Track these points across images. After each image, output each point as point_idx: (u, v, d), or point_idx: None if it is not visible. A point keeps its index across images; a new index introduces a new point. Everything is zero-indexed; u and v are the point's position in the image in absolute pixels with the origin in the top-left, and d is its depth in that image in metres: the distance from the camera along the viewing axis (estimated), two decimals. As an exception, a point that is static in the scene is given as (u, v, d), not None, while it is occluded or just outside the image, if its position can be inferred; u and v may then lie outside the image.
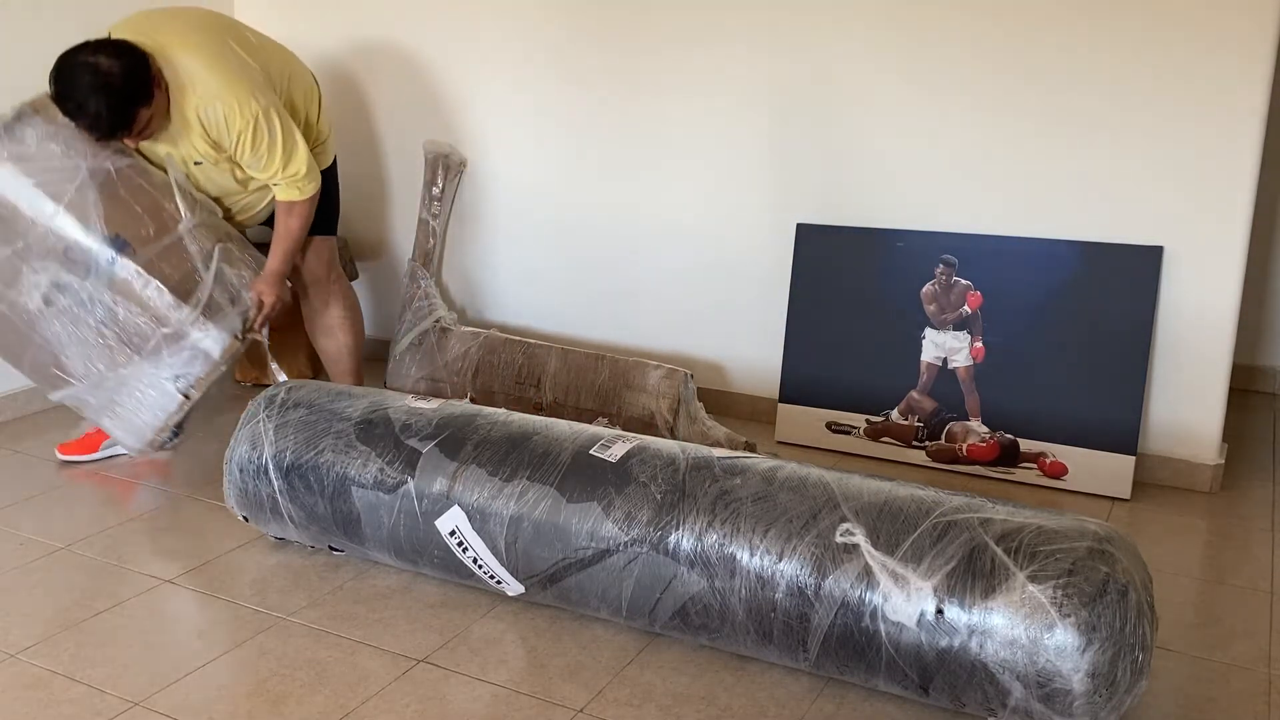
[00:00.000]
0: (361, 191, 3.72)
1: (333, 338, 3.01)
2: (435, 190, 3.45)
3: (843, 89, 2.89)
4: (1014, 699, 1.64)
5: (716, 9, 2.98)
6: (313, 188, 2.69)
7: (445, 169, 3.44)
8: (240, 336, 2.63)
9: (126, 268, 2.51)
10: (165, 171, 2.63)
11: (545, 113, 3.31)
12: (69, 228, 2.51)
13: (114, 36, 2.46)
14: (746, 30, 2.96)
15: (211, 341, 2.57)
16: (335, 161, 2.98)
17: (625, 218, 3.27)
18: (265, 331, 2.72)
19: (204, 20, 2.60)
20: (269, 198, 2.77)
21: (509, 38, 3.30)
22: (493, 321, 3.59)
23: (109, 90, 2.32)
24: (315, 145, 2.85)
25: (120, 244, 2.51)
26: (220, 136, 2.53)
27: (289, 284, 2.80)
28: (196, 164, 2.61)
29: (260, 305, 2.68)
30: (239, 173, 2.66)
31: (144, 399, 2.57)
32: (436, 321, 3.34)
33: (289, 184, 2.65)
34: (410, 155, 3.59)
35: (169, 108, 2.49)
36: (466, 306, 3.63)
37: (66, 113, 2.38)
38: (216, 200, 2.76)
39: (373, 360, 3.71)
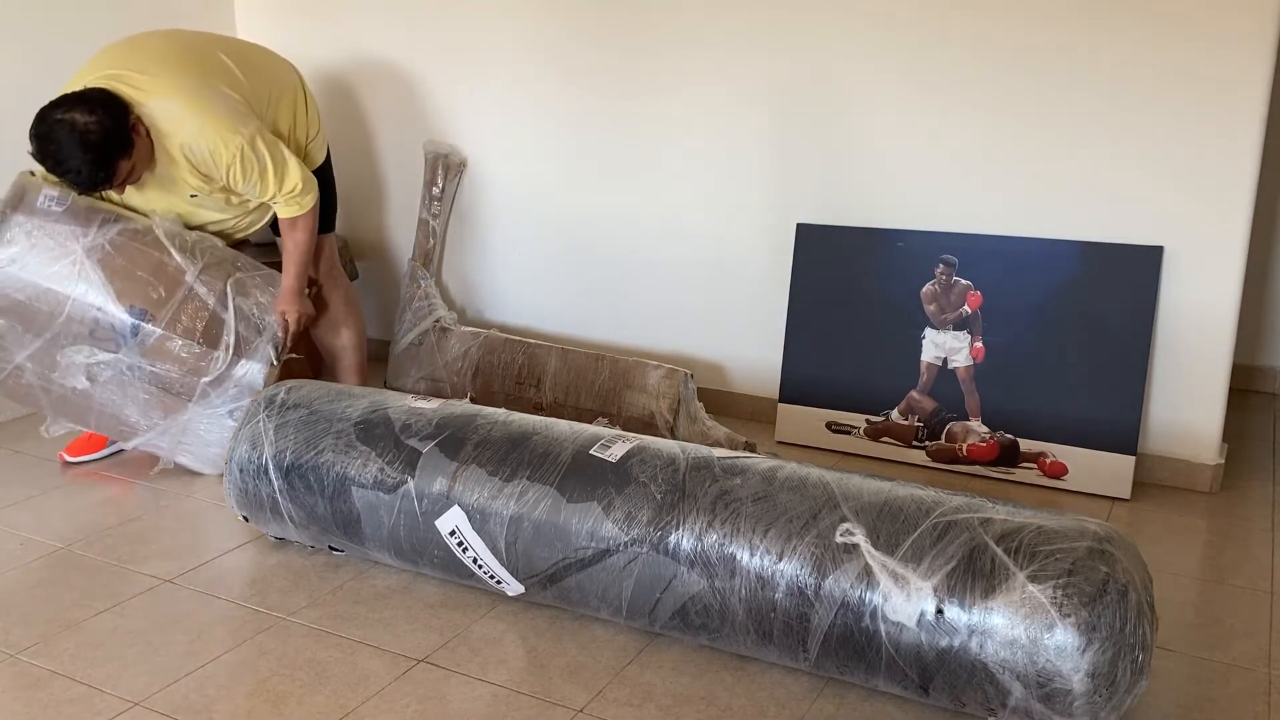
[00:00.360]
0: (362, 192, 3.72)
1: (335, 335, 3.02)
2: (435, 190, 3.45)
3: (843, 89, 2.89)
4: (1014, 699, 1.64)
5: (716, 8, 2.98)
6: (311, 199, 2.70)
7: (445, 169, 3.44)
8: (276, 360, 2.69)
9: (151, 334, 2.59)
10: (154, 224, 2.64)
11: (545, 113, 3.31)
12: (87, 312, 2.56)
13: (92, 79, 2.47)
14: (746, 30, 2.96)
15: (253, 374, 2.65)
16: (329, 158, 2.98)
17: (625, 218, 3.27)
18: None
19: (181, 52, 2.59)
20: (270, 212, 2.78)
21: (509, 38, 3.30)
22: (493, 321, 3.59)
23: (87, 146, 2.35)
24: (306, 143, 2.85)
25: (138, 313, 2.56)
26: (210, 171, 2.55)
27: (308, 294, 2.82)
28: (192, 197, 2.62)
29: (286, 325, 2.72)
30: (235, 199, 2.67)
31: (208, 435, 2.69)
32: (436, 321, 3.34)
33: (287, 201, 2.66)
34: (410, 155, 3.59)
35: (153, 151, 2.51)
36: (466, 306, 3.63)
37: (47, 169, 2.41)
38: (219, 225, 2.77)
39: (373, 360, 3.72)
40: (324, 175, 2.94)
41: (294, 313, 2.73)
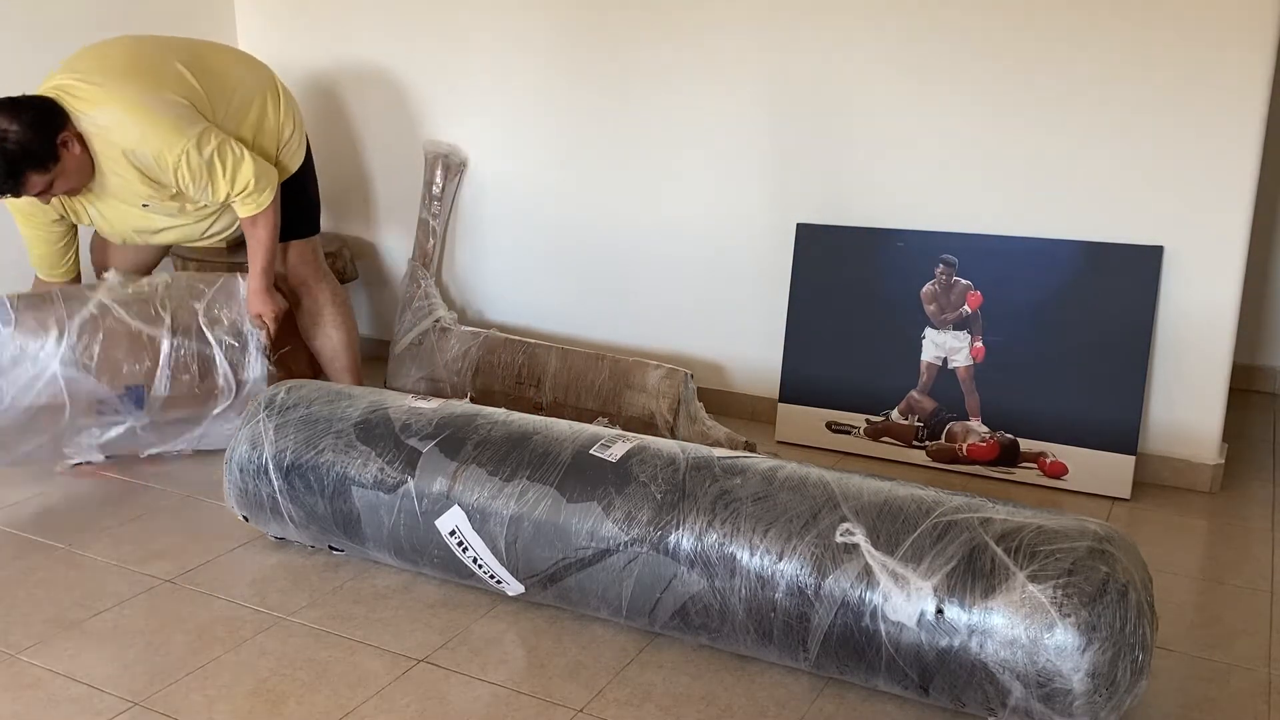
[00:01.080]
0: (362, 191, 3.72)
1: (326, 337, 3.02)
2: (435, 190, 3.45)
3: (843, 88, 2.89)
4: (1014, 699, 1.64)
5: (717, 7, 2.98)
6: (269, 196, 2.67)
7: (445, 169, 3.44)
8: (270, 360, 2.74)
9: (153, 402, 2.64)
10: (101, 297, 2.63)
11: (546, 112, 3.31)
12: (85, 407, 2.56)
13: (45, 87, 2.47)
14: (747, 29, 2.96)
15: (256, 384, 2.71)
16: (310, 160, 2.95)
17: (625, 217, 3.27)
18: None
19: (131, 60, 2.57)
20: (234, 217, 2.78)
21: (509, 38, 3.31)
22: (492, 321, 3.59)
23: (1, 154, 2.33)
24: (279, 145, 2.83)
25: (135, 392, 2.60)
26: (158, 176, 2.53)
27: (278, 289, 2.81)
28: (144, 206, 2.61)
29: (263, 324, 2.73)
30: (189, 205, 2.66)
31: (226, 432, 2.80)
32: (436, 321, 3.34)
33: (243, 200, 2.64)
34: (410, 155, 3.59)
35: (91, 165, 2.49)
36: (466, 306, 3.63)
37: None
38: (178, 231, 2.74)
39: (373, 360, 3.72)
40: (305, 177, 2.92)
41: (267, 310, 2.73)
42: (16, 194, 2.42)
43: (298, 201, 2.86)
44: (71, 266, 2.72)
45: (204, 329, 2.66)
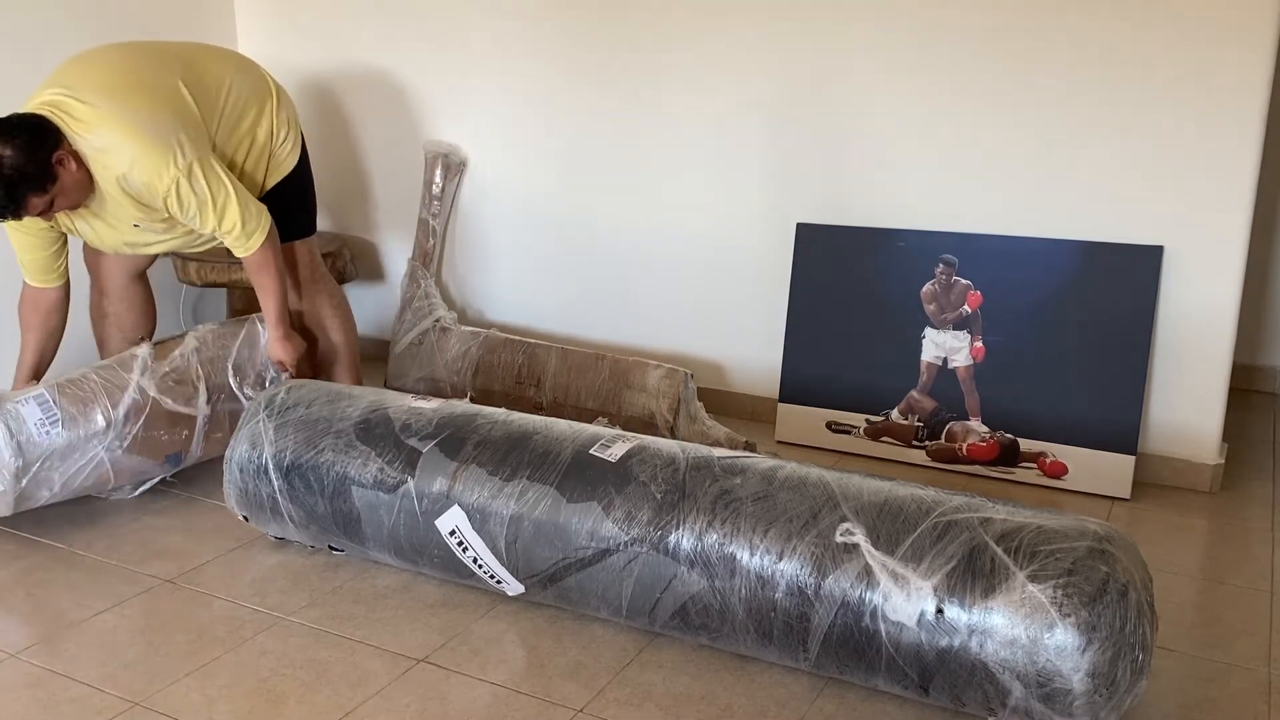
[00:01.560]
0: (362, 192, 3.72)
1: (324, 337, 3.01)
2: (435, 190, 3.45)
3: (843, 88, 2.89)
4: (1014, 699, 1.64)
5: (716, 8, 2.98)
6: (257, 240, 2.61)
7: (445, 169, 3.44)
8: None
9: (192, 456, 2.68)
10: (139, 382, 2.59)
11: (546, 112, 3.31)
12: (128, 479, 2.57)
13: (38, 102, 2.43)
14: (747, 30, 2.96)
15: None
16: (306, 160, 2.91)
17: (625, 217, 3.27)
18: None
19: (127, 76, 2.52)
20: None
21: (509, 38, 3.31)
22: (492, 321, 3.59)
23: None
24: (273, 150, 2.81)
25: (174, 458, 2.62)
26: (149, 202, 2.50)
27: (296, 336, 2.79)
28: (135, 226, 2.57)
29: (285, 368, 2.74)
30: (180, 226, 2.63)
31: None
32: (436, 321, 3.34)
33: (232, 240, 2.60)
34: (410, 156, 3.59)
35: (89, 182, 2.46)
36: (466, 306, 3.63)
37: None
38: (169, 244, 2.72)
39: (373, 360, 3.72)
40: (301, 177, 2.90)
41: (289, 356, 2.73)
42: (18, 217, 2.39)
43: (293, 203, 2.85)
44: (62, 273, 2.69)
45: (235, 389, 2.70)
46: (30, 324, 2.68)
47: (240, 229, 2.58)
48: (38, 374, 2.70)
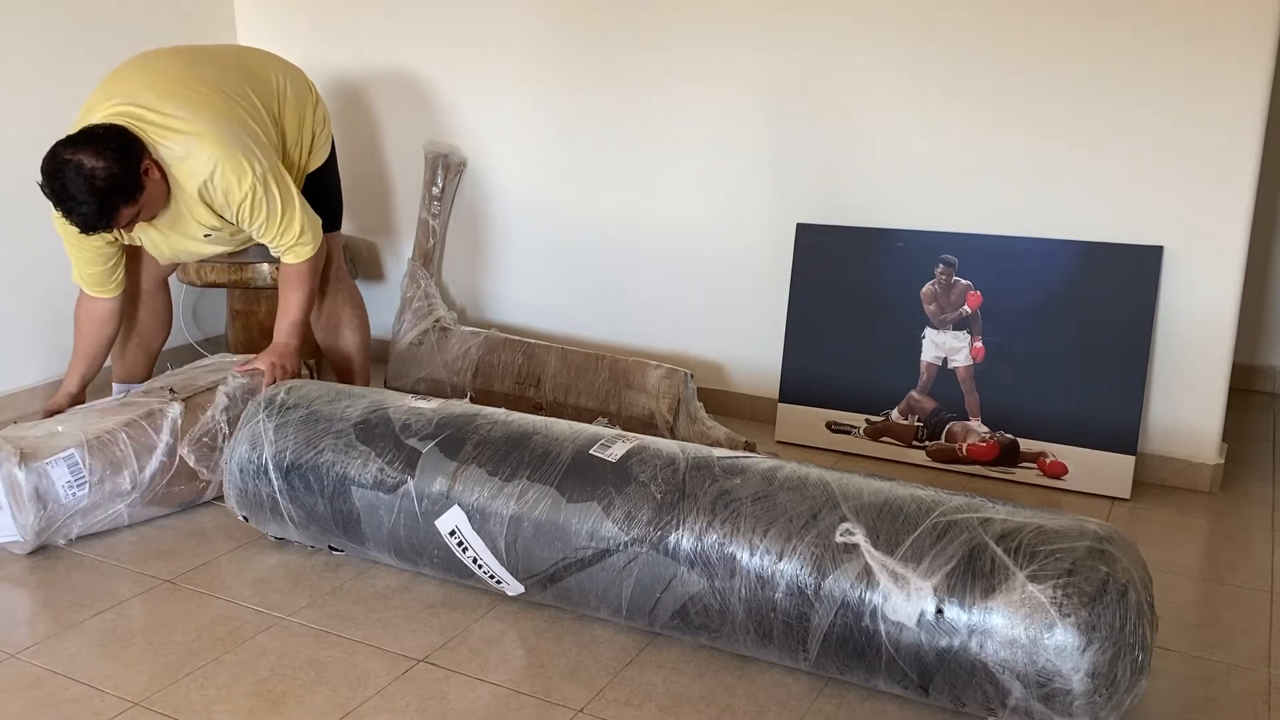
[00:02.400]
0: (361, 191, 3.72)
1: (339, 338, 3.00)
2: (435, 190, 3.45)
3: (843, 88, 2.89)
4: (1014, 699, 1.64)
5: (716, 8, 2.98)
6: (310, 249, 2.64)
7: (445, 169, 3.44)
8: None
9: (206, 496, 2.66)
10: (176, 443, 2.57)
11: (546, 112, 3.31)
12: (141, 521, 2.56)
13: (109, 110, 2.42)
14: (746, 29, 2.96)
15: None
16: (334, 156, 2.94)
17: (625, 217, 3.27)
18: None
19: (197, 81, 2.52)
20: None
21: (509, 38, 3.30)
22: (492, 321, 3.59)
23: (92, 191, 2.29)
24: (311, 144, 2.83)
25: (189, 501, 2.62)
26: (223, 210, 2.51)
27: (298, 357, 2.72)
28: (206, 236, 2.57)
29: (264, 374, 2.62)
30: (241, 235, 2.65)
31: None
32: (436, 321, 3.34)
33: (287, 248, 2.62)
34: (410, 155, 3.59)
35: (168, 192, 2.46)
36: (466, 306, 3.63)
37: (53, 204, 2.34)
38: (224, 254, 2.73)
39: (373, 360, 3.71)
40: (329, 172, 2.91)
41: (289, 363, 2.65)
42: (109, 229, 2.39)
43: (321, 197, 2.84)
44: (120, 282, 2.65)
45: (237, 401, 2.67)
46: (84, 331, 2.71)
47: (296, 238, 2.61)
48: (85, 381, 2.74)
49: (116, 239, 2.60)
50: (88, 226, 2.36)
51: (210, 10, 3.68)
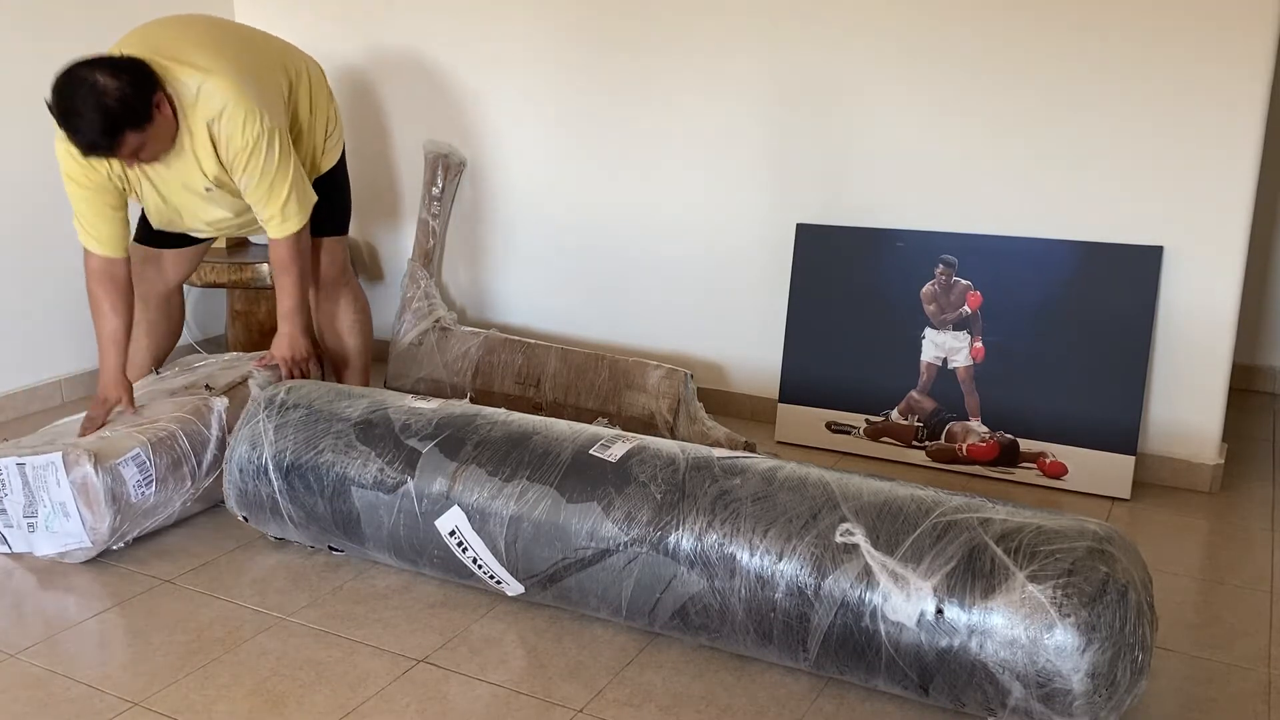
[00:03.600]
0: (361, 191, 3.72)
1: (341, 341, 2.99)
2: (435, 190, 3.45)
3: (843, 89, 2.89)
4: (1014, 699, 1.64)
5: (717, 10, 2.98)
6: (296, 222, 2.59)
7: (445, 169, 3.44)
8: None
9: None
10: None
11: (546, 113, 3.31)
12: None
13: (125, 50, 2.40)
14: (748, 31, 2.96)
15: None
16: (345, 159, 2.93)
17: (626, 218, 3.27)
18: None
19: (231, 37, 2.55)
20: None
21: (511, 39, 3.30)
22: (492, 321, 3.59)
23: (100, 109, 2.24)
24: (325, 139, 2.82)
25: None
26: (223, 153, 2.47)
27: (305, 339, 2.70)
28: (207, 190, 2.54)
29: (281, 367, 2.64)
30: (238, 204, 2.61)
31: None
32: (436, 321, 3.34)
33: (270, 217, 2.57)
34: (410, 155, 3.59)
35: (175, 131, 2.42)
36: (466, 306, 3.63)
37: (58, 121, 2.30)
38: (230, 225, 2.71)
39: (373, 361, 3.71)
40: (338, 176, 2.90)
41: (299, 351, 2.65)
42: (112, 153, 2.32)
43: (330, 198, 2.82)
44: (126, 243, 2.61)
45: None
46: (107, 305, 2.54)
47: (282, 208, 2.56)
48: (123, 366, 2.57)
49: (120, 186, 2.52)
50: (90, 146, 2.29)
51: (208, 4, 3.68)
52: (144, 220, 2.74)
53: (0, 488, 2.29)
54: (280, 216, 2.58)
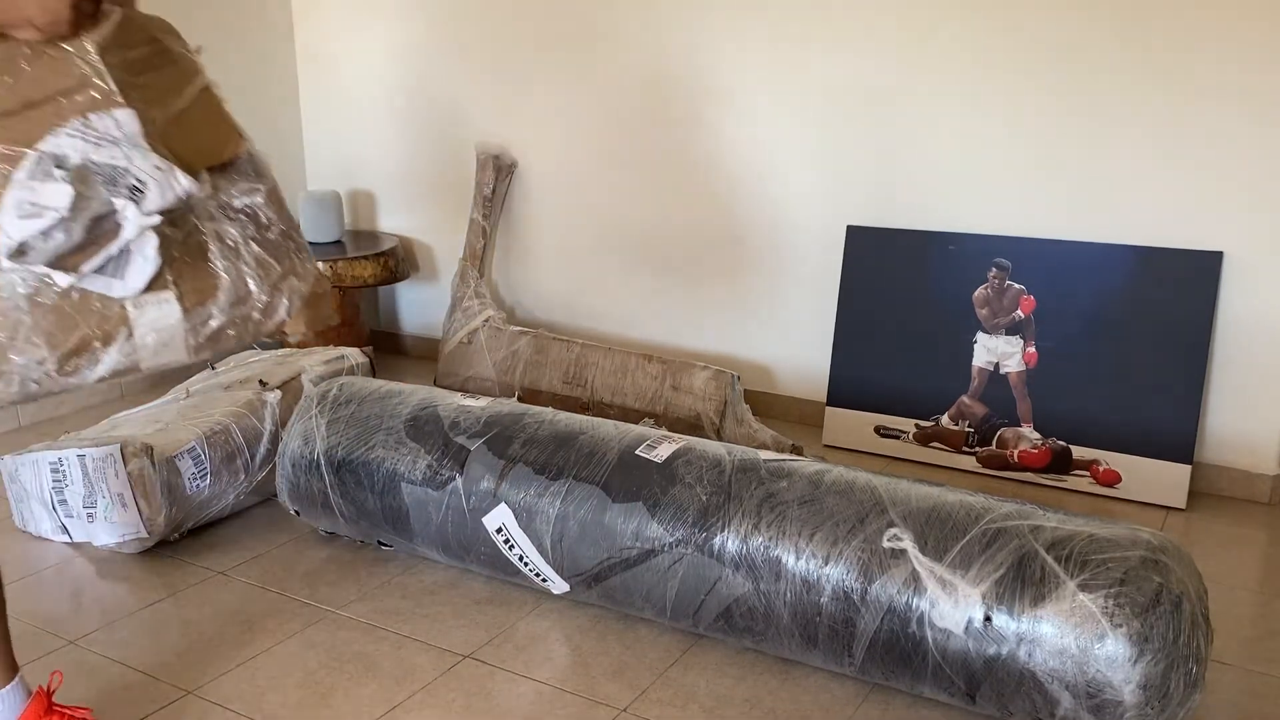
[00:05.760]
0: (413, 191, 3.76)
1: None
2: (486, 191, 3.48)
3: (895, 90, 2.86)
4: (1063, 709, 1.62)
5: (768, 10, 2.97)
6: None
7: (496, 170, 3.46)
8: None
9: None
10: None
11: (596, 114, 3.32)
12: None
13: None
14: (801, 33, 2.94)
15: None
16: None
17: (674, 219, 3.28)
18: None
19: None
20: None
21: (560, 38, 3.32)
22: (541, 321, 3.61)
23: None
24: None
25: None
26: None
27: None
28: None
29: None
30: None
31: None
32: (486, 321, 3.37)
33: None
34: (462, 156, 3.62)
35: None
36: (515, 306, 3.66)
37: None
38: None
39: (423, 359, 3.75)
40: None
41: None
42: None
43: None
44: None
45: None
46: None
47: None
48: None
49: None
50: None
51: (267, 9, 3.74)
52: None
53: (61, 479, 2.34)
54: None
